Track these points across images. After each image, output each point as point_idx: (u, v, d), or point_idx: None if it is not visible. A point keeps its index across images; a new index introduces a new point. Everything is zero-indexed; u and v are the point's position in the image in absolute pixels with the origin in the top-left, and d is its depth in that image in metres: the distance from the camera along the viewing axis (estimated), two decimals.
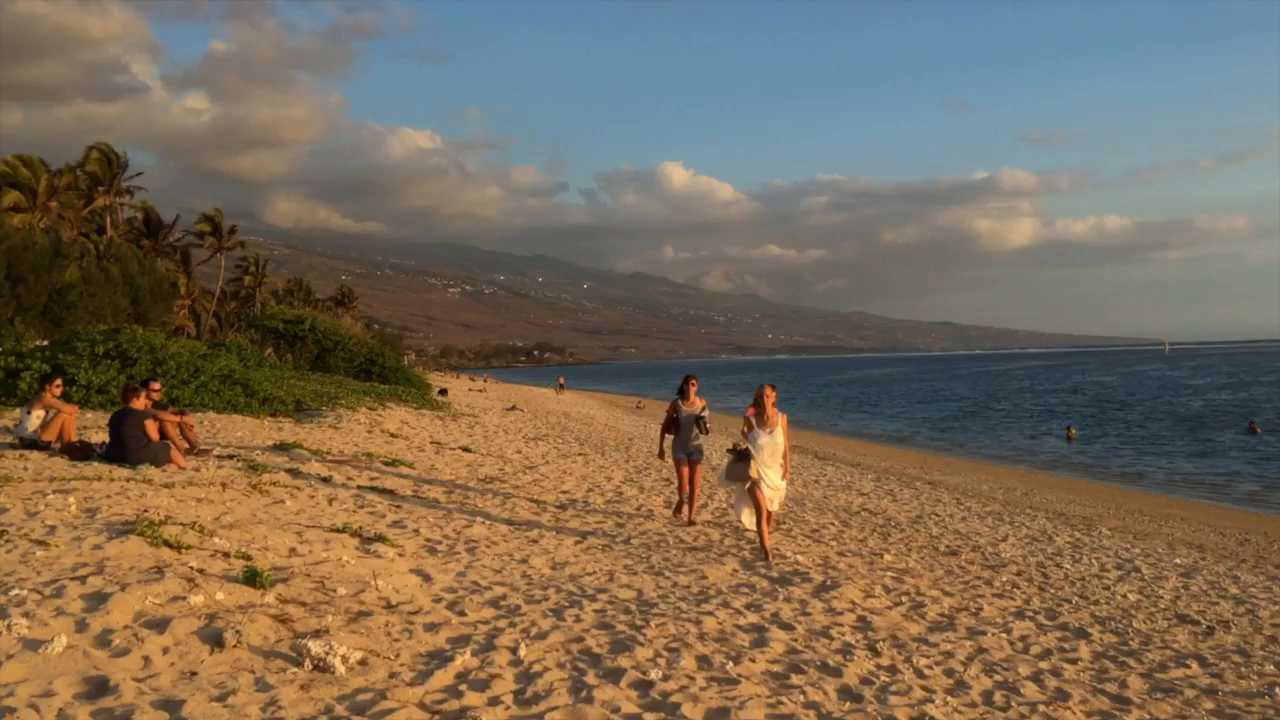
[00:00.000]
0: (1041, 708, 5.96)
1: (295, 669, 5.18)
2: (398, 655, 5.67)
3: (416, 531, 9.97)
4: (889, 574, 9.99)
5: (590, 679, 5.61)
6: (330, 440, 17.54)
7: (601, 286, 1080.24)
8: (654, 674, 5.78)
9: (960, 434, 47.81)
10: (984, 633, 7.83)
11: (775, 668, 6.23)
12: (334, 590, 6.79)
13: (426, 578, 7.97)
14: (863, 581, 9.38)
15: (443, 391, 44.95)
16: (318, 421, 20.91)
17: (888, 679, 6.24)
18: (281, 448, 14.73)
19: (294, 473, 12.20)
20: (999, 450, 39.59)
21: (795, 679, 6.01)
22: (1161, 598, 10.25)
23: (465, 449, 19.25)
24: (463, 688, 5.29)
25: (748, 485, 10.23)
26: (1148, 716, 6.06)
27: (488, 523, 11.00)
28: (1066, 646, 7.66)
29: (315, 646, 5.25)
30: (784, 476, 10.37)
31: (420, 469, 14.99)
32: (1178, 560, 13.42)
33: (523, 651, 5.99)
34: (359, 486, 12.13)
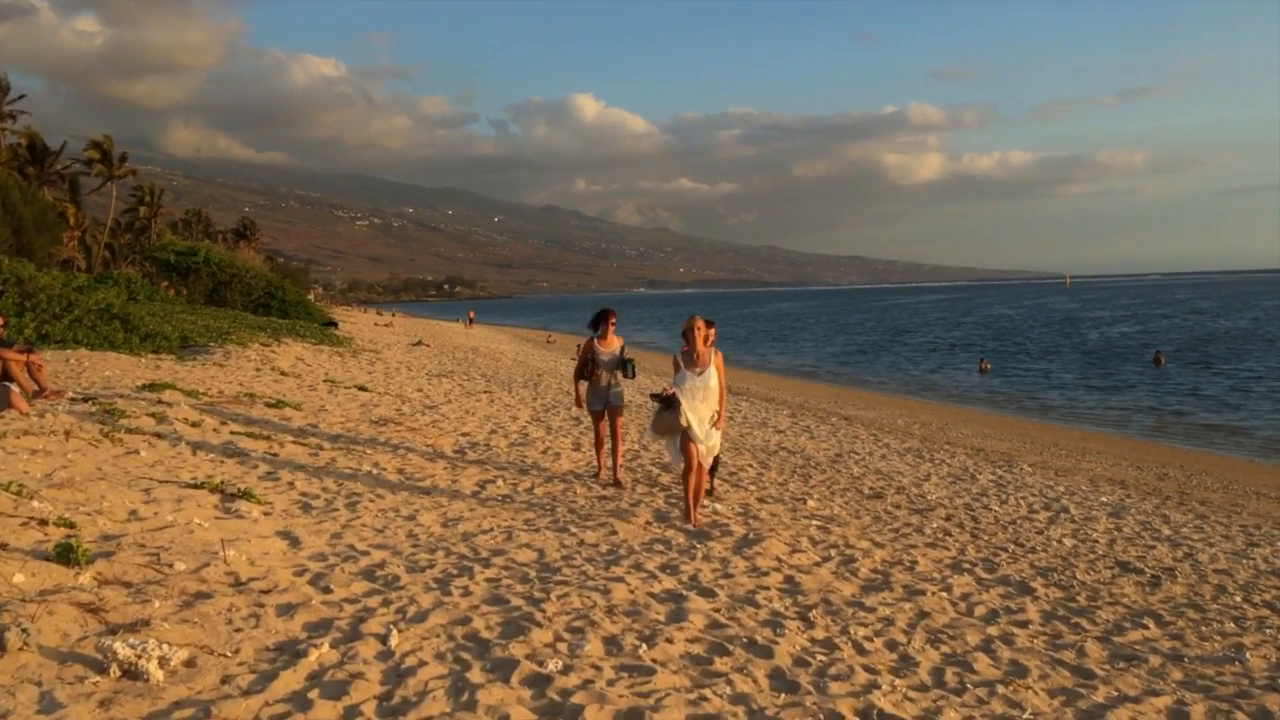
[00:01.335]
0: (1000, 688, 5.18)
1: (98, 677, 4.11)
2: (237, 651, 4.61)
3: (291, 484, 8.85)
4: (814, 523, 9.21)
5: (475, 675, 4.62)
6: (212, 380, 16.17)
7: (512, 219, 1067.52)
8: (552, 665, 4.81)
9: (872, 367, 47.73)
10: (923, 592, 7.08)
11: (696, 649, 5.33)
12: (170, 565, 5.67)
13: (294, 542, 6.90)
14: (787, 533, 8.58)
15: (331, 323, 42.05)
16: (203, 359, 19.44)
17: (825, 657, 5.40)
18: (152, 388, 13.36)
19: (158, 417, 10.91)
20: (911, 384, 39.49)
21: (719, 663, 5.12)
22: (1097, 542, 9.67)
23: (361, 388, 18.03)
24: (313, 694, 4.26)
25: (679, 438, 8.62)
26: (1115, 692, 5.33)
27: (375, 471, 9.92)
28: (1012, 606, 6.95)
29: (124, 648, 4.17)
30: (717, 425, 8.72)
31: (307, 410, 13.78)
32: (1104, 499, 12.96)
33: (395, 640, 4.97)
34: (233, 432, 10.92)
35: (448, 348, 38.79)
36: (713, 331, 9.03)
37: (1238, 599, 7.73)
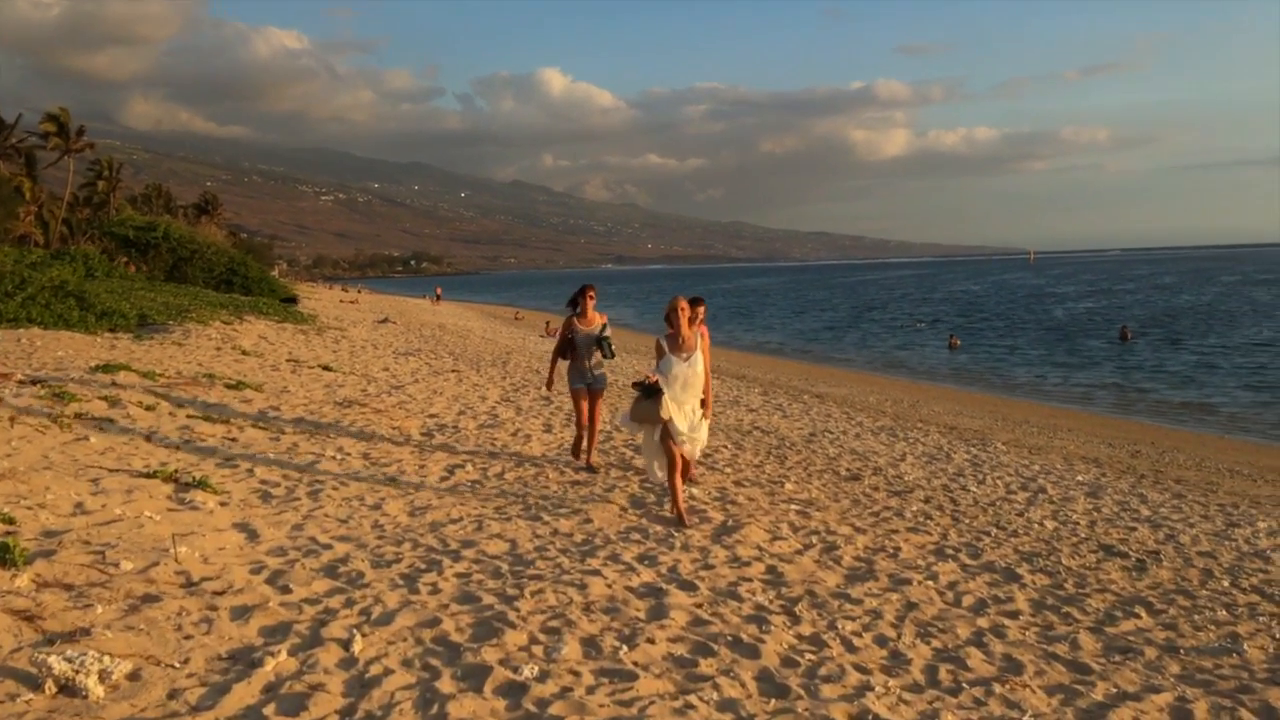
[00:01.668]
0: (997, 687, 4.94)
1: (31, 695, 3.76)
2: (186, 661, 4.27)
3: (250, 471, 8.48)
4: (793, 507, 8.97)
5: (445, 684, 4.31)
6: (170, 360, 15.70)
7: (479, 195, 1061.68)
8: (528, 671, 4.51)
9: (840, 344, 47.65)
10: (908, 581, 6.85)
11: (679, 649, 5.04)
12: (116, 564, 5.31)
13: (252, 535, 6.54)
14: (766, 519, 8.33)
15: (290, 299, 40.50)
16: (161, 338, 18.92)
17: (814, 656, 5.14)
18: (106, 369, 12.90)
19: (111, 400, 10.48)
20: (879, 360, 39.43)
21: (704, 664, 4.84)
22: (1078, 524, 9.50)
23: (326, 367, 17.61)
24: (269, 709, 3.93)
25: (658, 431, 8.04)
26: (1114, 689, 5.12)
27: (339, 457, 9.56)
28: (1000, 595, 6.73)
29: (59, 662, 3.82)
30: (705, 416, 8.16)
31: (269, 392, 13.36)
32: (1080, 478, 12.82)
33: (358, 645, 4.64)
34: (189, 416, 10.51)
35: (414, 325, 38.30)
36: (701, 310, 8.64)
37: (1225, 583, 7.57)
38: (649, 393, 7.90)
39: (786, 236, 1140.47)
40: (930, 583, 6.87)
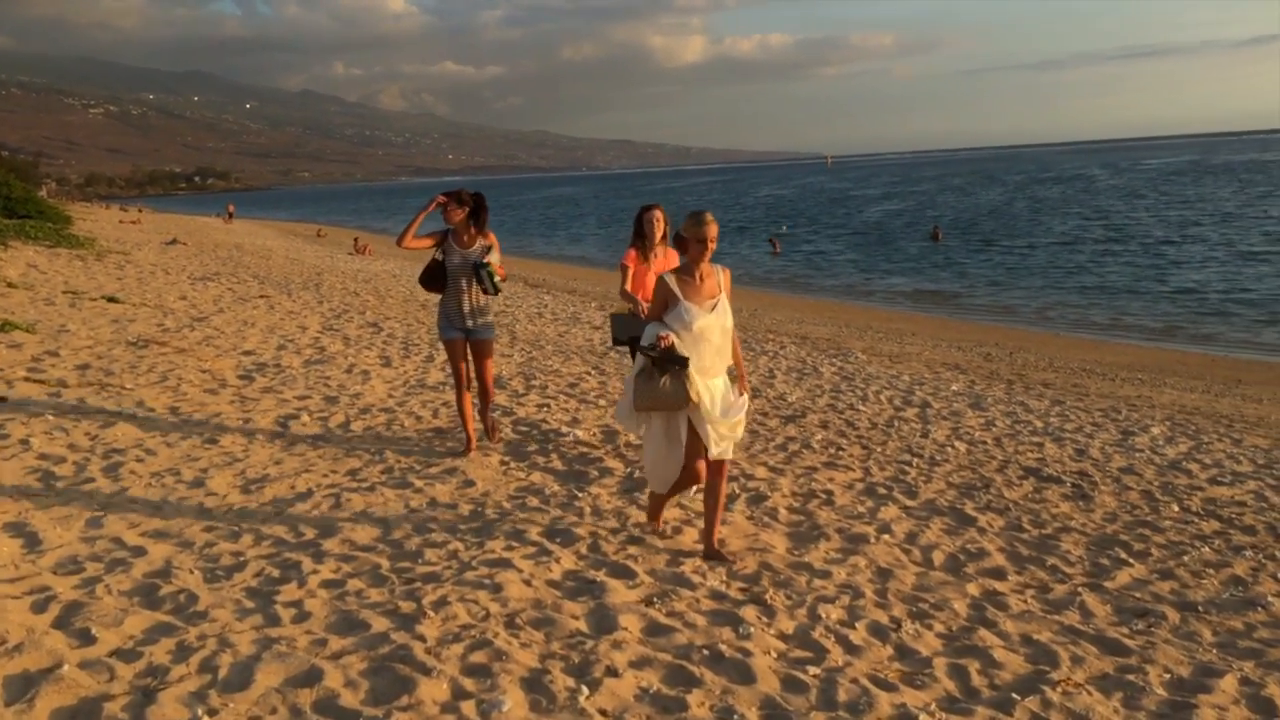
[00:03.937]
0: (1049, 693, 3.90)
1: None
2: None
3: (25, 443, 6.64)
4: None
5: None
6: None
7: (266, 106, 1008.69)
8: None
9: None
10: (864, 538, 5.81)
11: (651, 678, 3.75)
12: None
13: (31, 541, 4.86)
14: None
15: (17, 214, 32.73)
16: None
17: (817, 670, 3.96)
18: None
19: None
20: None
21: (694, 703, 3.56)
22: (985, 443, 8.78)
23: (111, 299, 15.26)
24: None
25: (680, 421, 5.15)
26: (1167, 675, 4.18)
27: (140, 415, 7.75)
28: (970, 549, 5.77)
29: None
30: (742, 390, 5.46)
31: (43, 333, 11.18)
32: (954, 388, 12.24)
33: None
34: None
35: (208, 245, 35.04)
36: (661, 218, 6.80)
37: (1175, 508, 6.90)
38: (666, 365, 5.01)
39: (589, 145, 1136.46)
40: (887, 537, 5.86)
